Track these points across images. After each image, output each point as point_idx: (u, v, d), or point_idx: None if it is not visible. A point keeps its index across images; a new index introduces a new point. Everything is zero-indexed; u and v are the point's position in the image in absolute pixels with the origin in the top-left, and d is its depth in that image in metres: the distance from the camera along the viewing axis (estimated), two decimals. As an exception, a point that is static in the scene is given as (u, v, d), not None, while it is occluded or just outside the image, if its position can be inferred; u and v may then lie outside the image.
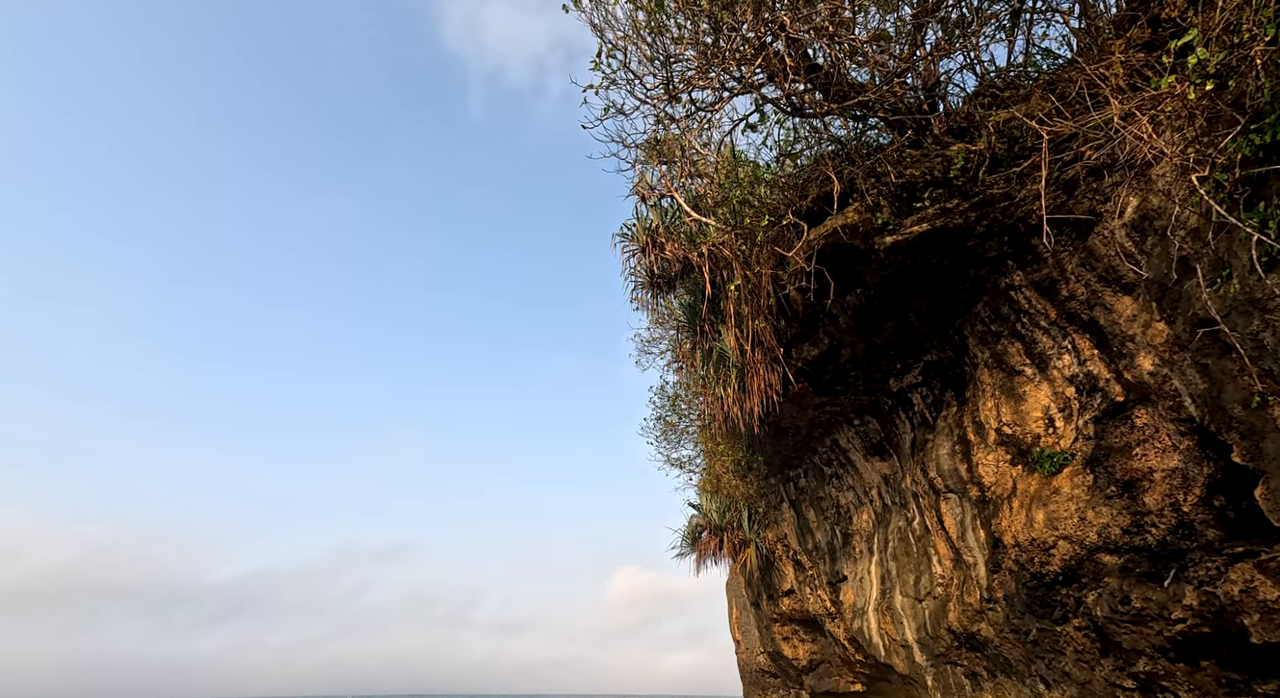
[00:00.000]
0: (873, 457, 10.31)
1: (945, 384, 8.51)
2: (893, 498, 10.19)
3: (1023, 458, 7.25)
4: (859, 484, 10.96)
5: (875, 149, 7.29)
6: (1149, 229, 5.09)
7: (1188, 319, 4.87)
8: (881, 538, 10.59)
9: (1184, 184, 4.49)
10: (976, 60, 6.84)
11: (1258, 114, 3.70)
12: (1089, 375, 6.29)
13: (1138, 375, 5.65)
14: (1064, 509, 6.42)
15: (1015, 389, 7.20)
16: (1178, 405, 5.33)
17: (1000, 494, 7.53)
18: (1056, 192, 5.79)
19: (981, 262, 6.82)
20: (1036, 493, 6.87)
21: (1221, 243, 4.33)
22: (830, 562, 12.33)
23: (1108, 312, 5.80)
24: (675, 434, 15.57)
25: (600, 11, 6.14)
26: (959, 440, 8.16)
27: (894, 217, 6.78)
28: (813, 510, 12.44)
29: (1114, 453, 6.01)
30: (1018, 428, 7.18)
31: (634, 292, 10.80)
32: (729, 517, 15.10)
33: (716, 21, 5.99)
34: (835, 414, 10.11)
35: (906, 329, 8.09)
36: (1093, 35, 5.62)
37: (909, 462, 9.40)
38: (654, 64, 6.44)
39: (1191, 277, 4.69)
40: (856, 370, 9.03)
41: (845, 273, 7.42)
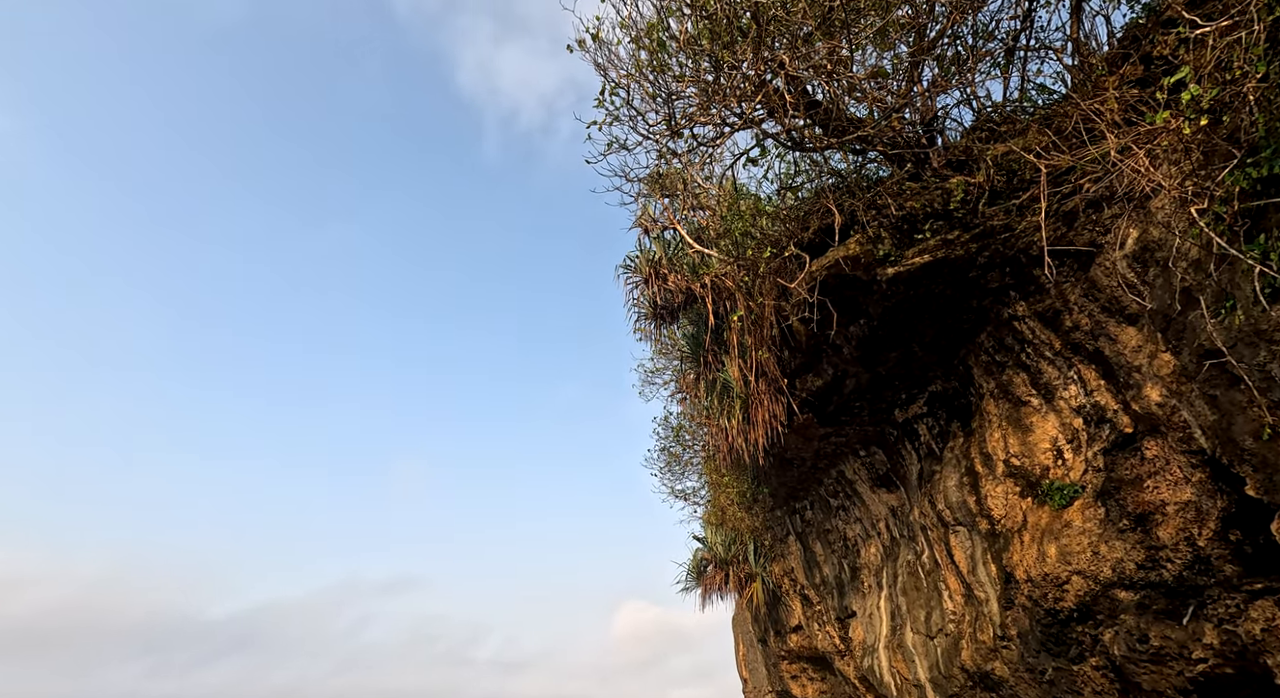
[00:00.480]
0: (879, 489, 10.18)
1: (951, 415, 8.45)
2: (901, 531, 10.02)
3: (1032, 490, 7.15)
4: (866, 517, 10.80)
5: (875, 182, 7.39)
6: (1150, 260, 5.10)
7: (1193, 350, 4.85)
8: (890, 572, 10.38)
9: (1183, 216, 4.52)
10: (973, 96, 6.97)
11: (1253, 148, 3.74)
12: (1096, 406, 6.24)
13: (1146, 407, 5.60)
14: (1076, 543, 6.29)
15: (1022, 420, 7.13)
16: (1188, 437, 5.27)
17: (1010, 527, 7.39)
18: (1056, 223, 5.83)
19: (984, 292, 6.84)
20: (1048, 526, 6.74)
21: (1224, 274, 4.33)
22: (838, 597, 12.07)
23: (1112, 342, 5.78)
24: (679, 466, 15.43)
25: (604, 52, 6.31)
26: (967, 472, 8.06)
27: (895, 248, 6.82)
28: (820, 544, 12.23)
29: (1125, 485, 5.92)
30: (1026, 459, 7.10)
31: (637, 322, 10.84)
32: (734, 550, 14.85)
33: (717, 60, 6.13)
34: (841, 445, 10.02)
35: (910, 359, 8.07)
36: (1086, 72, 5.73)
37: (916, 494, 9.27)
38: (656, 101, 6.58)
39: (1195, 308, 4.68)
40: (861, 401, 8.98)
41: (848, 304, 7.44)
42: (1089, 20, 6.42)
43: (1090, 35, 6.38)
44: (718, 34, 5.98)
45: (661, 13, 6.11)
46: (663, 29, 6.11)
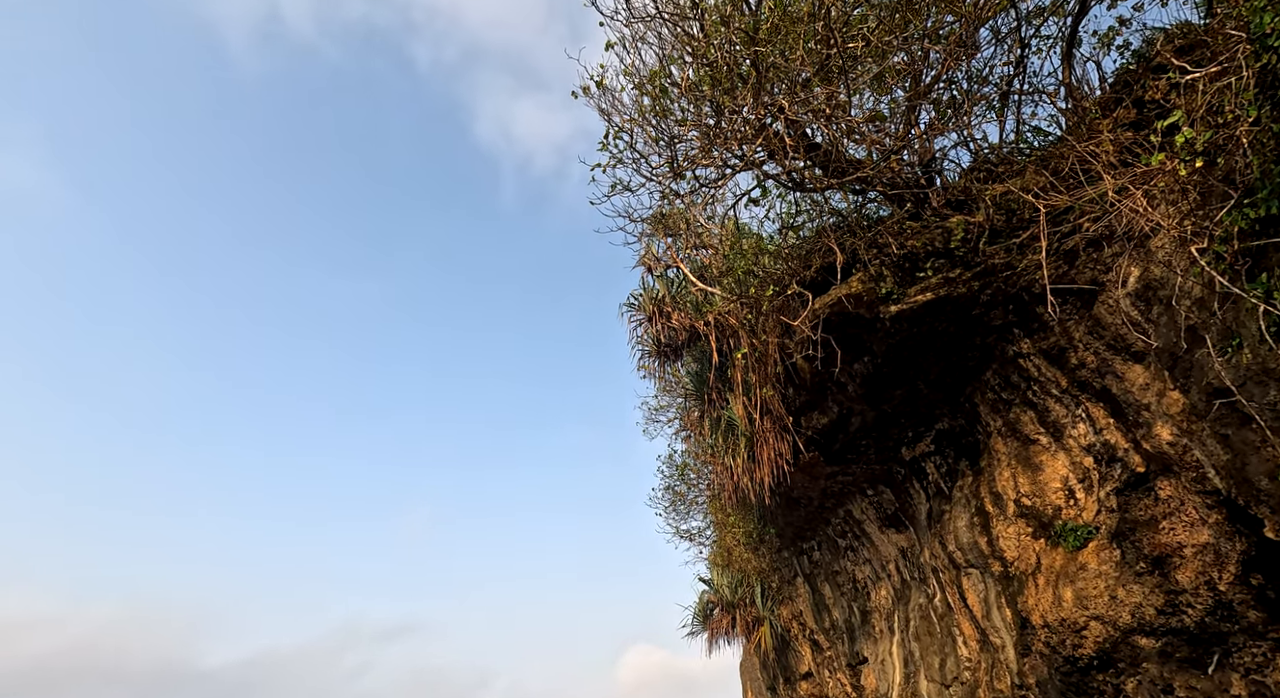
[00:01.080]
0: (888, 529, 9.98)
1: (959, 453, 8.33)
2: (911, 573, 9.77)
3: (1045, 531, 6.99)
4: (875, 558, 10.55)
5: (876, 221, 7.47)
6: (1153, 298, 5.10)
7: (1202, 388, 4.80)
8: (902, 616, 10.09)
9: (1184, 255, 4.54)
10: (970, 138, 7.10)
11: (1249, 189, 3.78)
12: (1106, 445, 6.15)
13: (1157, 445, 5.52)
14: (1092, 587, 6.11)
15: (1031, 459, 7.03)
16: (1201, 477, 5.17)
17: (1024, 570, 7.20)
18: (1057, 261, 5.86)
19: (988, 330, 6.83)
20: (1062, 569, 6.57)
21: (1228, 313, 4.32)
22: (849, 642, 11.70)
23: (1119, 380, 5.74)
24: (684, 505, 15.19)
25: (608, 98, 6.49)
26: (977, 512, 7.90)
27: (897, 286, 6.86)
28: (828, 586, 11.93)
29: (1140, 527, 5.78)
30: (1037, 499, 6.96)
31: (641, 360, 10.84)
32: (741, 593, 14.48)
33: (718, 105, 6.29)
34: (848, 484, 9.87)
35: (916, 397, 8.01)
36: (1080, 115, 5.85)
37: (926, 534, 9.08)
38: (659, 144, 6.73)
39: (1201, 346, 4.66)
40: (867, 439, 8.89)
41: (852, 341, 7.44)
42: (1080, 66, 6.59)
43: (1082, 80, 6.54)
44: (718, 80, 6.16)
45: (664, 61, 6.31)
46: (665, 76, 6.30)
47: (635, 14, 6.12)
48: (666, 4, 6.11)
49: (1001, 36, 6.64)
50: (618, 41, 6.44)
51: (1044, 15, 6.72)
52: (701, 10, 5.95)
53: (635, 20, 6.16)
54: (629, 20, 6.21)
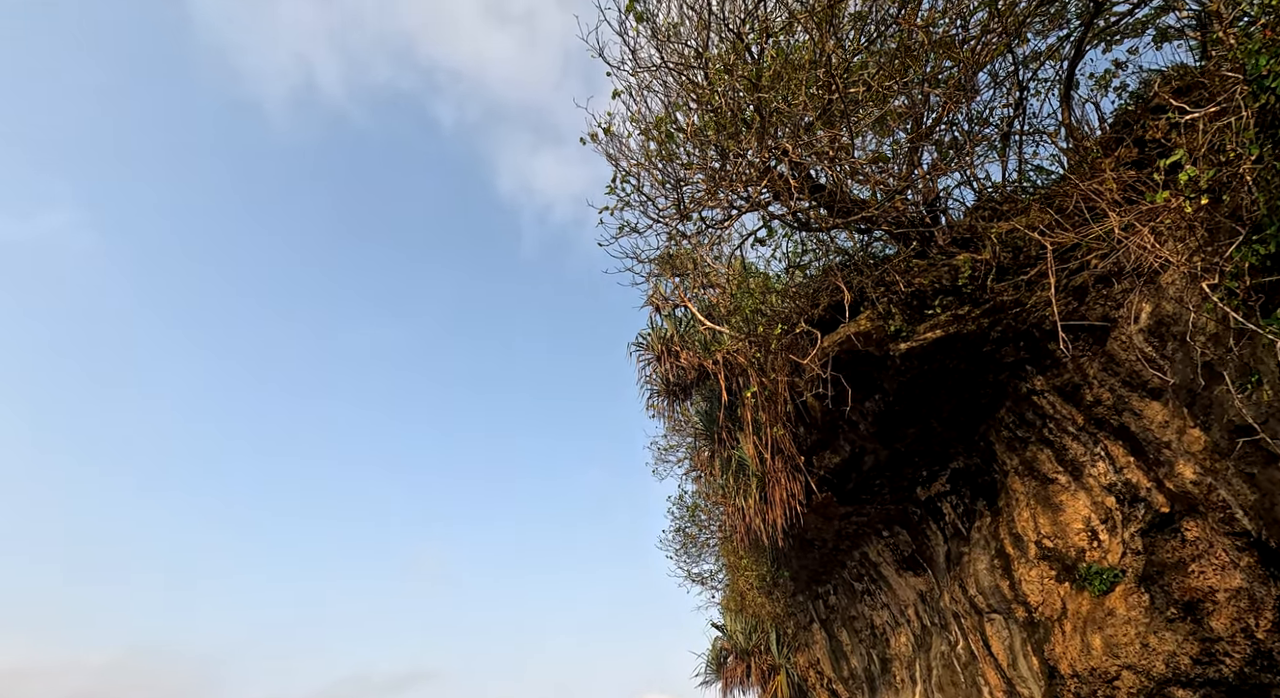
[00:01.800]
0: (906, 571, 9.69)
1: (976, 493, 8.15)
2: (932, 618, 9.44)
3: (1069, 574, 6.76)
4: (894, 602, 10.22)
5: (882, 259, 7.51)
6: (1167, 335, 5.05)
7: (1224, 426, 4.70)
8: (924, 664, 9.70)
9: (1195, 291, 4.50)
10: (973, 177, 7.18)
11: (1257, 226, 3.78)
12: (1128, 484, 5.99)
13: (1180, 484, 5.37)
14: (1123, 634, 5.87)
15: (1051, 498, 6.85)
16: (1229, 518, 5.01)
17: (1050, 615, 6.94)
18: (1067, 298, 5.84)
19: (1000, 367, 6.77)
20: (1090, 615, 6.32)
21: (1245, 349, 4.26)
22: (869, 692, 11.24)
23: (1137, 417, 5.63)
24: (695, 547, 14.86)
25: (615, 143, 6.64)
26: (997, 554, 7.67)
27: (906, 323, 6.84)
28: (846, 632, 11.53)
29: (1168, 570, 5.58)
30: (1059, 541, 6.76)
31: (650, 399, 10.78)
32: (756, 639, 14.02)
33: (723, 149, 6.42)
34: (862, 525, 9.65)
35: (929, 435, 7.89)
36: (1082, 154, 5.91)
37: (945, 577, 8.80)
38: (665, 187, 6.85)
39: (1220, 382, 4.58)
40: (881, 478, 8.73)
41: (862, 379, 7.38)
42: (1079, 107, 6.70)
43: (1082, 121, 6.63)
44: (723, 125, 6.30)
45: (669, 107, 6.47)
46: (670, 122, 6.45)
47: (641, 64, 6.32)
48: (671, 54, 6.31)
49: (1000, 80, 6.78)
50: (624, 90, 6.63)
51: (1040, 60, 6.87)
52: (705, 59, 6.14)
53: (641, 70, 6.35)
54: (635, 70, 6.41)
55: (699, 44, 6.10)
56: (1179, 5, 6.27)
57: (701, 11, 5.96)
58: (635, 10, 6.03)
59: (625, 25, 6.10)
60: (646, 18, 6.11)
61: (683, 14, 6.23)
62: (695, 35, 6.11)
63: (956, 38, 6.21)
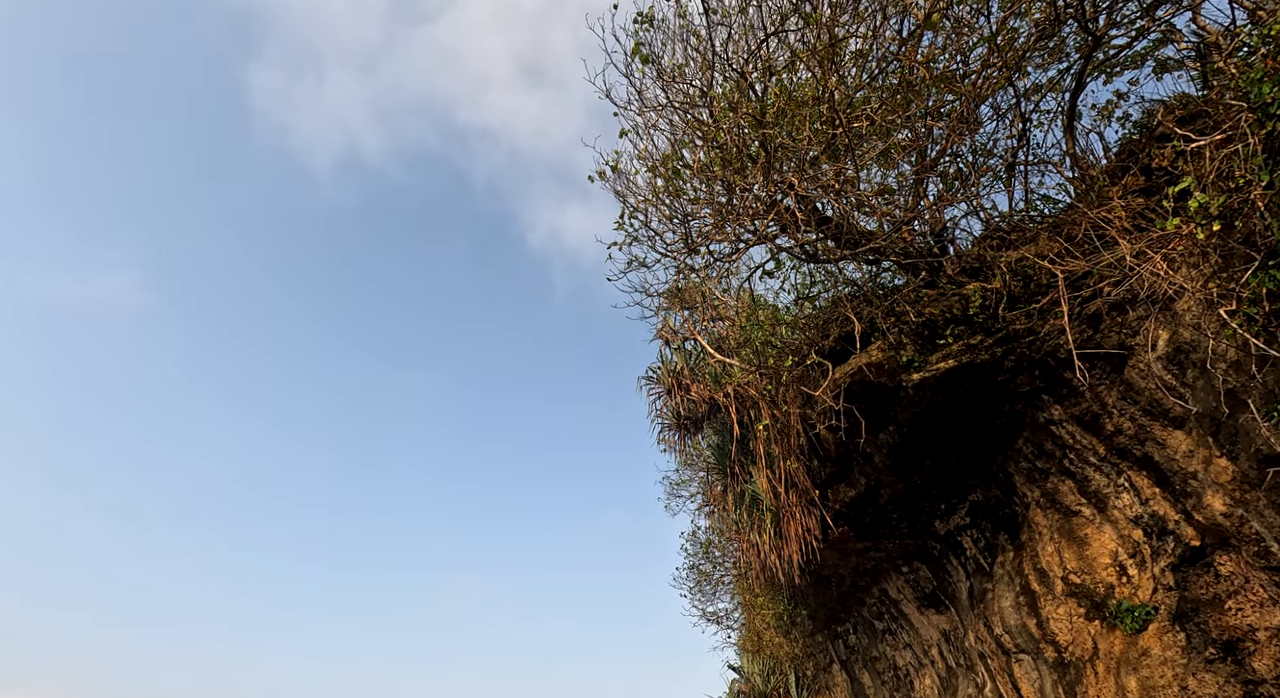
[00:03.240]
0: (927, 609, 9.38)
1: (996, 526, 7.93)
2: (956, 658, 9.10)
3: (1098, 611, 6.51)
4: (916, 642, 9.88)
5: (892, 290, 7.50)
6: (1186, 362, 4.96)
7: (1251, 456, 4.56)
8: (950, 709, 9.30)
9: (1213, 317, 4.44)
10: (979, 207, 7.21)
11: (1272, 251, 3.74)
12: (1155, 516, 5.81)
13: (1209, 517, 5.20)
14: (1159, 676, 5.61)
15: (1075, 532, 6.65)
16: (1264, 551, 4.83)
17: (1080, 655, 6.66)
18: (1082, 326, 5.77)
19: (1015, 396, 6.66)
20: (1123, 655, 6.06)
21: (1269, 376, 4.17)
22: (894, 738, 10.76)
23: (1161, 447, 5.49)
24: (710, 585, 14.51)
25: (622, 181, 6.75)
26: (1022, 590, 7.42)
27: (918, 354, 6.78)
28: (867, 673, 11.13)
29: (1203, 607, 5.36)
30: (1086, 576, 6.53)
31: (661, 433, 10.70)
32: (774, 681, 13.55)
33: (729, 184, 6.51)
34: (881, 561, 9.40)
35: (947, 467, 7.73)
36: (1088, 183, 5.93)
37: (969, 615, 8.51)
38: (673, 222, 6.92)
39: (1244, 410, 4.47)
40: (898, 512, 8.53)
41: (875, 410, 7.29)
42: (1083, 137, 6.75)
43: (1086, 150, 6.67)
44: (729, 161, 6.40)
45: (675, 145, 6.59)
46: (677, 159, 6.56)
47: (647, 104, 6.46)
48: (676, 93, 6.46)
49: (1002, 112, 6.87)
50: (631, 129, 6.77)
51: (1042, 92, 6.96)
52: (710, 98, 6.27)
53: (647, 109, 6.50)
54: (641, 109, 6.55)
55: (704, 83, 6.24)
56: (1178, 38, 6.37)
57: (705, 52, 6.12)
58: (641, 53, 6.19)
59: (631, 67, 6.27)
60: (652, 60, 6.27)
61: (687, 55, 6.40)
62: (700, 75, 6.26)
63: (957, 72, 6.32)
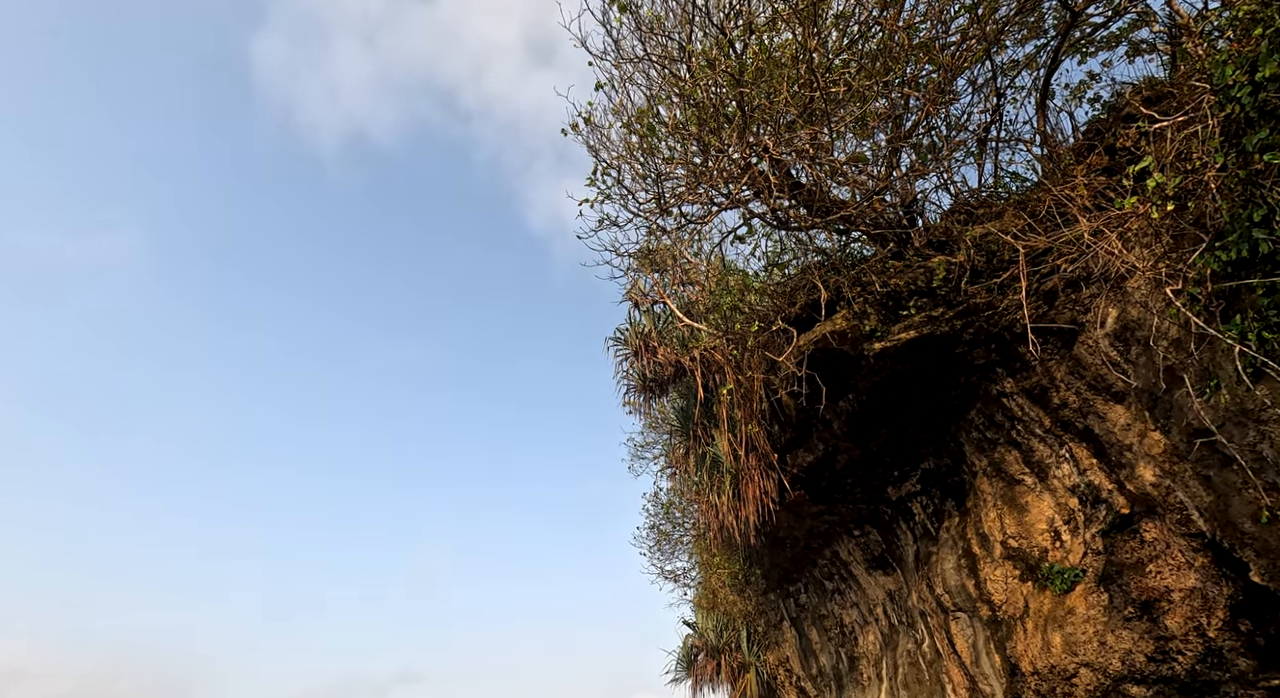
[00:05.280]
0: (875, 571, 9.80)
1: (945, 493, 8.26)
2: (899, 617, 9.56)
3: (1032, 573, 6.88)
4: (863, 601, 10.33)
5: (859, 260, 7.57)
6: (1131, 339, 5.15)
7: (1183, 429, 4.81)
8: (890, 662, 9.81)
9: (1159, 296, 4.60)
10: (950, 181, 7.28)
11: (1220, 233, 3.87)
12: (1090, 486, 6.12)
13: (1140, 487, 5.49)
14: (1082, 632, 5.99)
15: (1017, 499, 6.97)
16: (1186, 519, 5.14)
17: (1013, 614, 7.06)
18: (1037, 302, 5.94)
19: (971, 369, 6.86)
20: (1051, 613, 6.44)
21: (1205, 353, 4.36)
22: (837, 689, 11.34)
23: (1101, 420, 5.75)
24: (669, 544, 14.88)
25: (596, 135, 6.60)
26: (964, 554, 7.79)
27: (881, 324, 6.90)
28: (815, 630, 11.63)
29: (1127, 570, 5.70)
30: (1024, 541, 6.88)
31: (626, 395, 10.75)
32: (726, 637, 14.08)
33: (704, 144, 6.41)
34: (834, 524, 9.73)
35: (901, 436, 7.98)
36: (1055, 161, 6.02)
37: (914, 577, 8.92)
38: (646, 181, 6.82)
39: (1180, 386, 4.69)
40: (853, 478, 8.80)
41: (836, 378, 7.43)
42: (1054, 115, 6.83)
43: (1056, 129, 6.76)
44: (705, 120, 6.29)
45: (651, 100, 6.45)
46: (652, 115, 6.43)
47: (624, 55, 6.28)
48: (655, 47, 6.29)
49: (978, 86, 6.88)
50: (606, 82, 6.59)
51: (1018, 68, 6.98)
52: (689, 53, 6.12)
53: (624, 61, 6.32)
54: (618, 61, 6.37)
55: (682, 38, 6.08)
56: (1152, 20, 6.42)
57: (685, 5, 5.94)
58: (619, 1, 5.99)
59: (609, 15, 6.07)
60: (630, 8, 6.08)
61: (666, 7, 6.21)
62: (679, 28, 6.09)
63: (937, 42, 6.28)
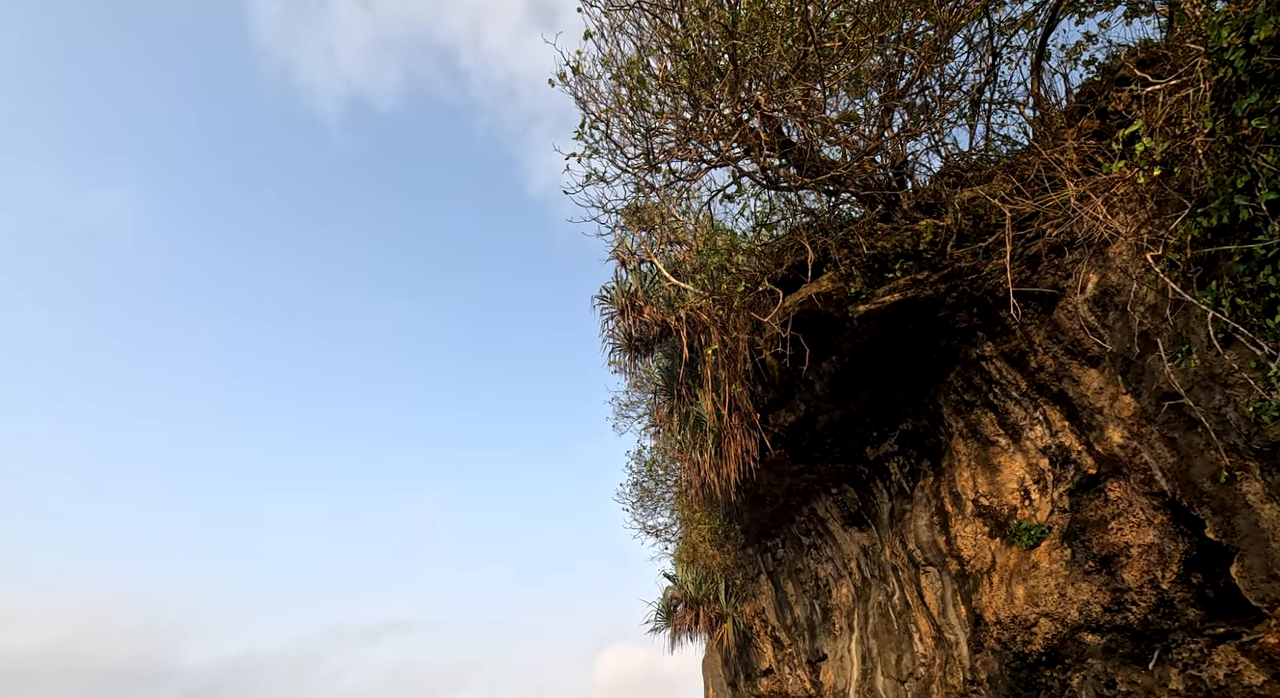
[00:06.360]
0: (851, 527, 10.11)
1: (922, 454, 8.48)
2: (872, 571, 9.92)
3: (1001, 530, 7.15)
4: (838, 556, 10.69)
5: (848, 221, 7.55)
6: (1110, 304, 5.24)
7: (1152, 393, 4.95)
8: (861, 614, 10.24)
9: (1140, 262, 4.67)
10: (941, 143, 7.22)
11: (1203, 199, 3.91)
12: (1061, 447, 6.31)
13: (1108, 448, 5.68)
14: (1044, 585, 6.27)
15: (990, 460, 7.18)
16: (1149, 479, 5.34)
17: (980, 568, 7.36)
18: (1021, 266, 5.99)
19: (953, 332, 6.95)
20: (1016, 567, 6.73)
21: (1179, 319, 4.46)
22: (810, 639, 11.84)
23: (1076, 384, 5.89)
24: (652, 501, 15.21)
25: (585, 86, 6.42)
26: (937, 511, 8.05)
27: (866, 286, 6.93)
28: (791, 583, 12.05)
29: (1090, 527, 5.95)
30: (994, 499, 7.12)
31: (612, 354, 10.79)
32: (705, 589, 14.56)
33: (695, 98, 6.28)
34: (813, 482, 9.97)
35: (882, 397, 8.12)
36: (1046, 124, 5.98)
37: (888, 533, 9.22)
38: (635, 136, 6.69)
39: (1153, 351, 4.80)
40: (833, 438, 8.99)
41: (820, 340, 7.50)
42: (1049, 77, 6.75)
43: (1050, 91, 6.69)
44: (696, 74, 6.14)
45: (642, 51, 6.27)
46: (642, 67, 6.26)
47: (614, 2, 6.07)
48: (646, -6, 6.07)
49: (975, 44, 6.76)
50: (596, 30, 6.38)
51: (1015, 27, 6.86)
52: (681, 2, 5.93)
53: (615, 8, 6.11)
54: (608, 9, 6.15)
55: (675, -16, 5.88)
56: (1153, -22, 6.31)
57: (679, -51, 5.73)
58: (611, -57, 5.75)
59: (599, -42, 5.83)
60: (622, -48, 5.84)
61: (660, -49, 5.98)
62: (672, -25, 5.88)
63: (935, -4, 6.13)
